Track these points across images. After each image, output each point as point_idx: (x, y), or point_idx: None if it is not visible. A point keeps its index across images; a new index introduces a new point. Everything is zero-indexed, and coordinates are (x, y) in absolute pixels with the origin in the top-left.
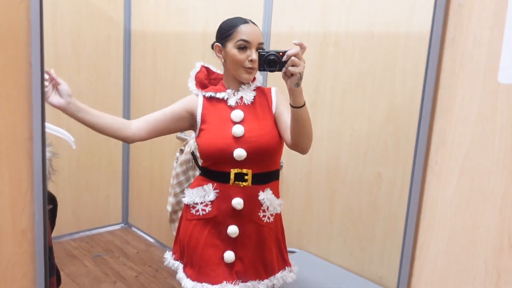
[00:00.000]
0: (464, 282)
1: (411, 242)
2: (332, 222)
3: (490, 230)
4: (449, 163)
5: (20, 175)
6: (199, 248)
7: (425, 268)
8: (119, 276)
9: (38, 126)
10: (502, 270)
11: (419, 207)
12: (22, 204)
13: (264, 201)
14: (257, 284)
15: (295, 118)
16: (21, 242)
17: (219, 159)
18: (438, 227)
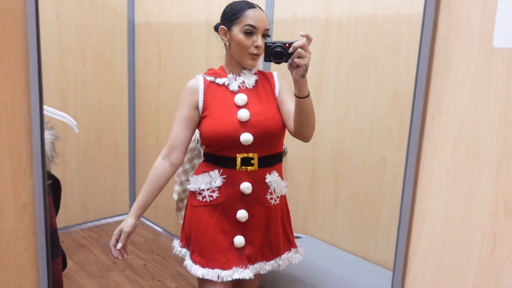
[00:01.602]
0: (461, 248)
1: (408, 211)
2: (337, 207)
3: (486, 195)
4: (445, 130)
5: (20, 149)
6: (208, 234)
7: (422, 236)
8: (127, 265)
9: (36, 101)
10: (498, 234)
11: (416, 176)
12: (23, 178)
13: (271, 184)
14: (264, 265)
15: (300, 108)
16: (23, 216)
17: (225, 145)
18: (434, 195)
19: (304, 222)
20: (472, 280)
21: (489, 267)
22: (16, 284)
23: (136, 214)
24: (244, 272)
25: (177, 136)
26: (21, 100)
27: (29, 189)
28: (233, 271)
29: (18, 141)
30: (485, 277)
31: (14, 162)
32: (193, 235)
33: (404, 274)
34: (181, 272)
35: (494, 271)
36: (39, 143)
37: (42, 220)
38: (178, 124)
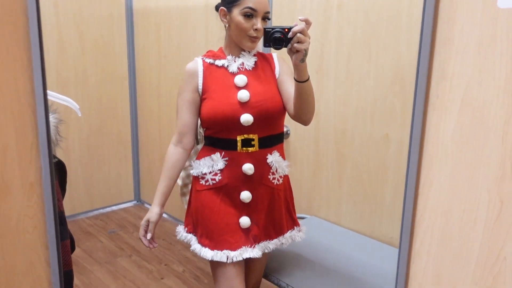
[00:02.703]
0: (467, 213)
1: (414, 179)
2: (341, 186)
3: (492, 158)
4: (450, 95)
5: (25, 128)
6: (213, 216)
7: (428, 203)
8: (134, 250)
9: (39, 79)
10: (504, 197)
11: (421, 143)
12: (29, 157)
13: (272, 164)
14: (268, 244)
15: (299, 92)
16: (30, 195)
17: (225, 126)
18: (440, 161)
19: (309, 203)
20: (478, 245)
21: (495, 231)
22: (27, 262)
23: (160, 202)
24: (253, 251)
25: (185, 122)
26: (24, 79)
27: (36, 168)
28: (242, 251)
29: (23, 121)
30: (491, 241)
31: (20, 142)
32: (199, 219)
33: (411, 242)
34: (187, 256)
35: (501, 235)
36: (44, 122)
37: (50, 199)
38: (184, 109)
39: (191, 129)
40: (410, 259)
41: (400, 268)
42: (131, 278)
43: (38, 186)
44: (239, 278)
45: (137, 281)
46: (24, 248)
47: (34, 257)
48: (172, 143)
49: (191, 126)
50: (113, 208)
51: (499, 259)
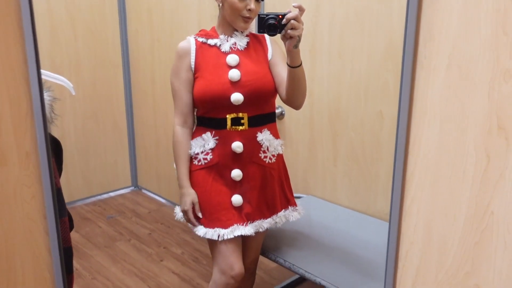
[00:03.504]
0: (456, 170)
1: (404, 139)
2: (336, 165)
3: (479, 115)
4: (438, 55)
5: (19, 98)
6: (206, 196)
7: (418, 162)
8: (133, 234)
9: (31, 49)
10: (491, 152)
11: (410, 103)
12: (24, 126)
13: (263, 142)
14: (262, 222)
15: (292, 77)
16: (27, 165)
17: (215, 105)
18: (429, 120)
19: (305, 182)
20: (466, 201)
21: (483, 187)
22: (26, 231)
23: (189, 183)
24: (245, 229)
25: (186, 102)
26: (16, 48)
27: (31, 137)
28: (234, 228)
29: (16, 90)
30: (479, 197)
31: (14, 111)
32: None
33: (402, 200)
34: (186, 239)
35: (488, 190)
36: (38, 91)
37: (47, 169)
38: (182, 90)
39: (192, 108)
40: (401, 218)
41: (391, 227)
42: (131, 261)
43: (34, 156)
44: (235, 255)
45: (136, 264)
46: (23, 218)
47: (33, 227)
48: (178, 125)
49: (192, 106)
50: (110, 195)
51: (486, 213)
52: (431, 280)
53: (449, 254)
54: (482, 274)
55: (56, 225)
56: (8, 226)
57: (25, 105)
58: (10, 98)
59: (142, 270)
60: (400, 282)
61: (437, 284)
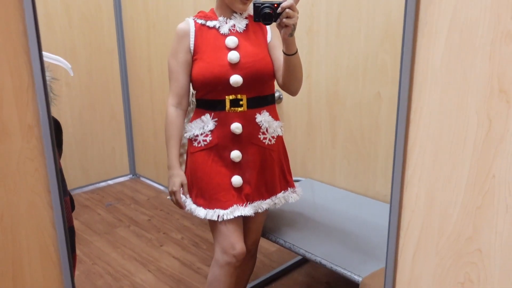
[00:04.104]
0: (457, 136)
1: (405, 108)
2: (335, 148)
3: (480, 79)
4: (438, 20)
5: (20, 70)
6: (205, 177)
7: (420, 130)
8: (132, 221)
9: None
10: (493, 116)
11: (411, 70)
12: (26, 99)
13: (262, 123)
14: (261, 203)
15: (287, 64)
16: (29, 138)
17: (214, 87)
18: (430, 87)
19: (303, 166)
20: (468, 166)
21: (484, 151)
22: (30, 204)
23: (179, 165)
24: (245, 210)
25: (182, 84)
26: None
27: (33, 110)
28: (233, 209)
29: (17, 61)
30: (481, 161)
31: (16, 83)
32: (193, 180)
33: (404, 170)
34: (185, 225)
35: (490, 154)
36: (39, 63)
37: (49, 142)
38: (180, 72)
39: (188, 90)
40: (402, 188)
41: (393, 198)
42: (131, 246)
43: (37, 129)
44: (236, 234)
45: (136, 249)
46: (27, 190)
47: (37, 199)
48: (172, 105)
49: (188, 88)
50: (109, 183)
51: (488, 177)
52: (432, 248)
53: (450, 221)
54: (484, 238)
55: (60, 198)
56: (12, 199)
57: (26, 77)
58: (10, 70)
59: (142, 255)
60: (402, 251)
61: (438, 251)
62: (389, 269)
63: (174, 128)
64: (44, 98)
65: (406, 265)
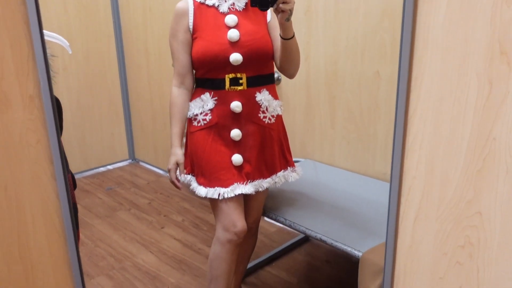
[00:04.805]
0: (458, 100)
1: (406, 75)
2: (334, 128)
3: (481, 42)
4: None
5: (20, 40)
6: (205, 156)
7: (421, 96)
8: (132, 204)
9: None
10: (493, 78)
11: (412, 36)
12: (26, 69)
13: (262, 102)
14: (261, 182)
15: (284, 48)
16: (31, 108)
17: (214, 65)
18: (431, 53)
19: (302, 146)
20: (469, 129)
21: (485, 114)
22: (33, 176)
23: (179, 144)
24: (245, 188)
25: (183, 63)
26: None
27: (34, 81)
28: (234, 187)
29: (16, 32)
30: (481, 124)
31: (16, 53)
32: (194, 159)
33: (405, 137)
34: (185, 207)
35: (490, 116)
36: (38, 33)
37: (51, 113)
38: (180, 51)
39: (190, 69)
40: (403, 155)
41: (394, 166)
42: (132, 229)
43: (38, 100)
44: (237, 212)
45: (138, 231)
46: (29, 162)
47: (40, 171)
48: (175, 85)
49: (190, 66)
50: (108, 168)
51: (488, 140)
52: (433, 213)
53: (451, 185)
54: (484, 201)
55: (63, 170)
56: (15, 170)
57: (26, 47)
58: (10, 40)
59: (144, 237)
60: (402, 217)
61: (439, 216)
62: (390, 236)
63: (175, 108)
64: (45, 68)
65: (407, 231)
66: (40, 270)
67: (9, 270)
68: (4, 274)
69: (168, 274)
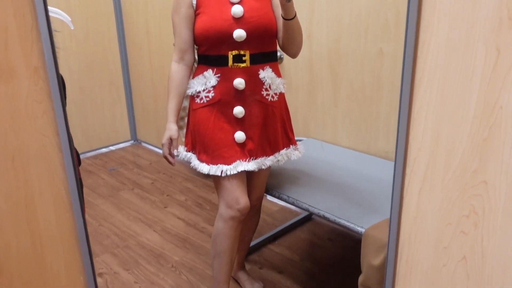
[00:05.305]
0: (465, 68)
1: (413, 41)
2: (336, 106)
3: (489, 8)
4: None
5: (23, 10)
6: (208, 133)
7: (427, 63)
8: (135, 184)
9: None
10: (501, 45)
11: (419, 4)
12: (30, 40)
13: (265, 79)
14: (264, 160)
15: (286, 28)
16: (36, 80)
17: (217, 41)
18: (438, 19)
19: (305, 126)
20: (475, 98)
21: (492, 82)
22: (40, 146)
23: (174, 119)
24: (248, 165)
25: (184, 38)
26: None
27: (39, 52)
28: (237, 164)
29: (19, 1)
30: (488, 92)
31: (20, 24)
32: (196, 137)
33: (410, 108)
34: (188, 187)
35: (497, 85)
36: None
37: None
38: (182, 26)
39: (191, 45)
40: (409, 126)
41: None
42: (135, 208)
43: (43, 71)
44: (240, 189)
45: (141, 211)
46: (35, 133)
47: (46, 142)
48: (175, 61)
49: (191, 42)
50: (111, 148)
51: (495, 108)
52: (438, 183)
53: (456, 155)
54: (490, 170)
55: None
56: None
57: (30, 17)
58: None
59: (147, 216)
60: (407, 189)
61: (444, 186)
62: (395, 208)
63: (173, 83)
64: (49, 39)
65: (412, 202)
66: (48, 241)
67: (18, 241)
68: (14, 244)
69: (172, 252)
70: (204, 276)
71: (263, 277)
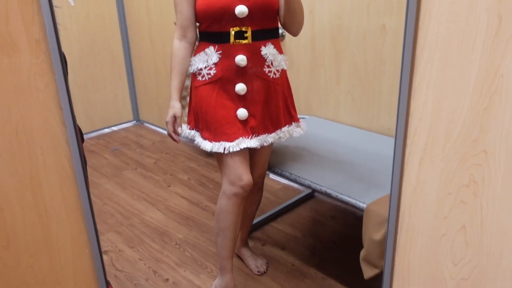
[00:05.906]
0: (466, 36)
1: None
2: (339, 83)
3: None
4: None
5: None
6: (210, 110)
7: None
8: (139, 164)
9: None
10: (503, 12)
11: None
12: (31, 12)
13: (267, 56)
14: (266, 137)
15: (287, 7)
16: (37, 52)
17: (219, 18)
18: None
19: (307, 103)
20: (476, 66)
21: (493, 50)
22: (43, 120)
23: (178, 97)
24: (250, 142)
25: (186, 15)
26: None
27: (40, 25)
28: (239, 141)
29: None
30: (489, 61)
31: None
32: (199, 114)
33: (411, 78)
34: (191, 166)
35: (498, 53)
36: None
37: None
38: (183, 3)
39: (193, 22)
40: (410, 96)
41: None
42: (139, 187)
43: (44, 44)
44: (243, 166)
45: (145, 190)
46: (38, 106)
47: (49, 116)
48: (177, 38)
49: (193, 19)
50: (113, 129)
51: (496, 77)
52: (438, 153)
53: (457, 124)
54: (490, 139)
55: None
56: (25, 114)
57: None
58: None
59: (151, 195)
60: (408, 159)
61: (445, 156)
62: (396, 178)
63: (175, 60)
64: (50, 12)
65: (412, 172)
66: (53, 213)
67: (24, 214)
68: (19, 218)
69: (176, 230)
70: (208, 253)
71: (266, 254)
